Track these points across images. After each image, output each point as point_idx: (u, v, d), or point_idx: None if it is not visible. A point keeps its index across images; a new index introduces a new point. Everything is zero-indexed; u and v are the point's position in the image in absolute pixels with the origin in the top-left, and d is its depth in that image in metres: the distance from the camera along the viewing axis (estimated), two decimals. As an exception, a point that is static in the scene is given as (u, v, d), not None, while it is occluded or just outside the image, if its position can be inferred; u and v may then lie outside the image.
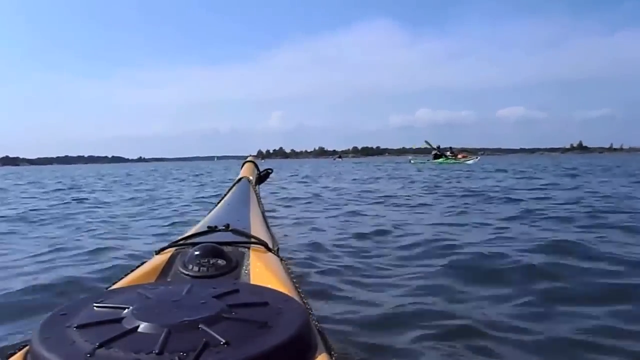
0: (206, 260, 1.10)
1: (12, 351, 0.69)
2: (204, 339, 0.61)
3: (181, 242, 1.30)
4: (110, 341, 0.61)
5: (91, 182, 15.42)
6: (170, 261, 1.18)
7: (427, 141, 33.08)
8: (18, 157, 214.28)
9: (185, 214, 5.69)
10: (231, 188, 2.31)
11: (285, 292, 0.87)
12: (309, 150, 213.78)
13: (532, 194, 7.44)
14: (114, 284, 1.03)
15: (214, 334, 0.63)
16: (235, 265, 1.13)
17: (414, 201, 6.85)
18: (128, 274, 1.10)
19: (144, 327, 0.65)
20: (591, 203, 5.80)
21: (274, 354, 0.61)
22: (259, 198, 2.14)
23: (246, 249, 1.25)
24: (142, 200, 7.87)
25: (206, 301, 0.74)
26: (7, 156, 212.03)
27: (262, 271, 1.08)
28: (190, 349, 0.59)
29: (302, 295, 1.01)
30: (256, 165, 3.01)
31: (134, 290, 0.80)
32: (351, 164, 41.44)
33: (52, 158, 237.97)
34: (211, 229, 1.37)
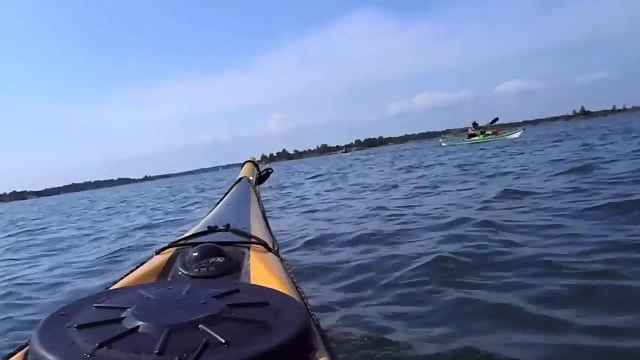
0: (206, 261, 1.10)
1: (12, 351, 0.69)
2: (204, 339, 0.61)
3: (181, 242, 1.31)
4: (111, 341, 0.61)
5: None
6: (170, 261, 1.18)
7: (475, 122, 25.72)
8: (25, 191, 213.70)
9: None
10: (231, 188, 2.31)
11: (286, 292, 0.87)
12: (312, 148, 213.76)
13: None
14: (114, 284, 1.03)
15: (214, 334, 0.63)
16: (235, 266, 1.13)
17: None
18: (128, 274, 1.10)
19: (144, 327, 0.65)
20: None
21: (274, 354, 0.61)
22: (259, 198, 2.14)
23: (246, 249, 1.25)
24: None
25: (206, 301, 0.74)
26: (14, 191, 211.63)
27: (262, 271, 1.08)
28: (190, 349, 0.59)
29: (302, 295, 1.01)
30: (256, 165, 3.01)
31: (134, 291, 0.80)
32: (368, 155, 36.86)
33: (59, 187, 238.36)
34: (211, 229, 1.37)
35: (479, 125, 25.00)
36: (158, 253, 1.26)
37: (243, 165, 2.97)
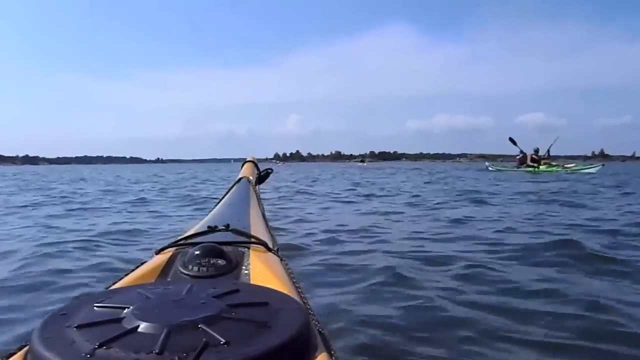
0: (206, 260, 1.10)
1: (12, 351, 0.69)
2: (204, 339, 0.61)
3: (181, 242, 1.30)
4: (110, 341, 0.61)
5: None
6: (170, 261, 1.18)
7: (512, 138, 22.07)
8: (38, 157, 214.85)
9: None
10: (231, 188, 2.31)
11: (286, 292, 0.87)
12: (326, 154, 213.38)
13: None
14: (114, 284, 1.03)
15: (214, 334, 0.63)
16: (235, 265, 1.13)
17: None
18: (128, 274, 1.10)
19: (144, 327, 0.65)
20: None
21: (274, 354, 0.61)
22: (259, 198, 2.15)
23: (246, 249, 1.25)
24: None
25: (206, 301, 0.74)
26: (27, 155, 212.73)
27: (262, 271, 1.08)
28: (190, 349, 0.59)
29: (302, 295, 1.01)
30: (256, 165, 3.01)
31: (134, 290, 0.80)
32: (401, 169, 32.62)
33: (71, 158, 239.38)
34: (211, 229, 1.37)
35: (538, 153, 21.19)
36: (158, 253, 1.26)
37: (243, 165, 2.98)
